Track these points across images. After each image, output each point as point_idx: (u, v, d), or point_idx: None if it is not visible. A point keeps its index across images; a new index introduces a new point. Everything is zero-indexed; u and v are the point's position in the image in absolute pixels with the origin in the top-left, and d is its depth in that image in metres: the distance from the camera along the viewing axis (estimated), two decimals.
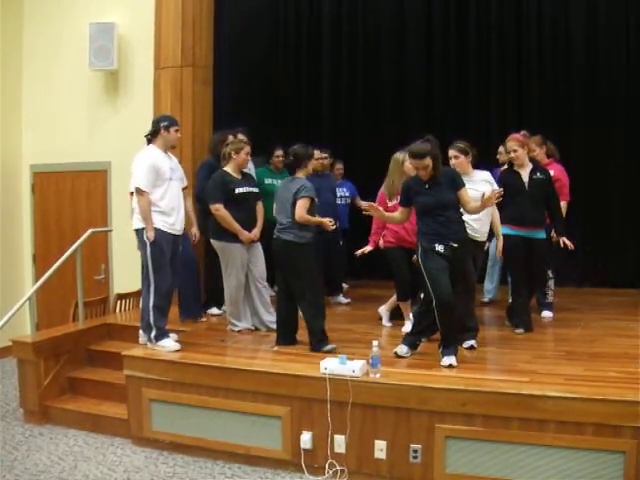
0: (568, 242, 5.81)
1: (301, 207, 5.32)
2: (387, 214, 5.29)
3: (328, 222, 5.48)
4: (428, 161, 4.77)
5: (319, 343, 5.30)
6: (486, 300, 7.24)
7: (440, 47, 8.67)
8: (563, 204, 6.25)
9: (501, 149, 6.80)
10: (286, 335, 5.52)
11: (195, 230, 6.36)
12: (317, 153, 7.08)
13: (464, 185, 4.89)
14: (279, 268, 5.55)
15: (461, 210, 4.93)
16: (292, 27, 9.35)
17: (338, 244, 7.28)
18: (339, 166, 7.98)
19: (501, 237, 5.78)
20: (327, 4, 9.15)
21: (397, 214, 5.16)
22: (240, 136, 6.41)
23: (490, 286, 7.29)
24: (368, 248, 6.02)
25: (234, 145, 6.02)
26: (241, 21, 8.30)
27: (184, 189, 6.03)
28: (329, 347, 5.27)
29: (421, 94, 8.78)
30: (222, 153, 6.12)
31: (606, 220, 7.88)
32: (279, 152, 7.07)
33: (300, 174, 5.52)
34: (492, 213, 5.65)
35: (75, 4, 8.19)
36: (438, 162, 4.83)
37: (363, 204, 5.88)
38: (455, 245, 4.77)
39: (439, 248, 4.76)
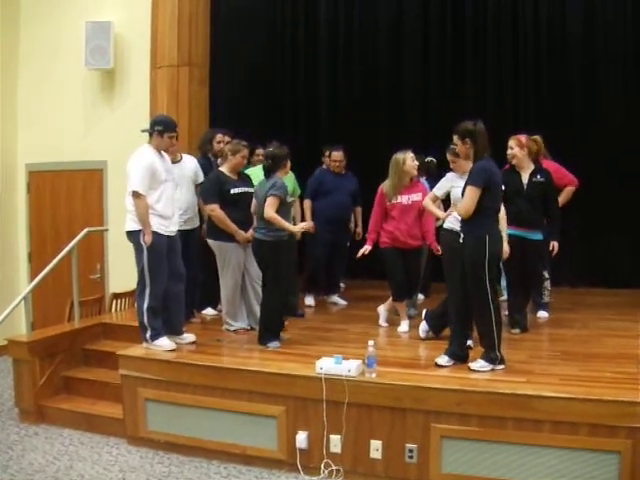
0: (556, 249, 5.86)
1: (269, 205, 5.35)
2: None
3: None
4: (456, 139, 4.73)
5: (266, 338, 5.47)
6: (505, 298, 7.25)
7: (437, 48, 8.67)
8: (571, 188, 6.45)
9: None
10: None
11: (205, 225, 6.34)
12: None
13: (471, 184, 4.58)
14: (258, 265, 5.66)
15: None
16: (288, 26, 9.33)
17: (345, 246, 7.27)
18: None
19: (506, 237, 5.34)
20: (324, 3, 9.16)
21: None
22: (226, 137, 6.44)
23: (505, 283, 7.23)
24: (368, 248, 6.02)
25: (232, 147, 6.02)
26: (238, 21, 8.30)
27: (198, 186, 6.22)
28: (274, 344, 5.43)
29: (418, 95, 8.79)
30: (219, 153, 6.11)
31: (601, 220, 7.88)
32: (260, 151, 7.04)
33: (278, 174, 5.53)
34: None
35: (72, 3, 8.17)
36: (474, 146, 4.64)
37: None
38: (462, 238, 4.66)
39: (460, 239, 4.71)
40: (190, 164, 6.30)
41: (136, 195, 5.25)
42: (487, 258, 4.55)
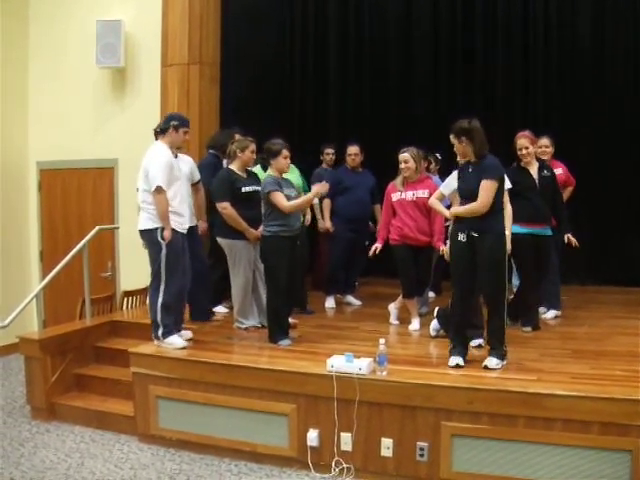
0: (573, 239, 5.85)
1: (278, 202, 5.38)
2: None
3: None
4: (452, 139, 4.71)
5: (277, 336, 5.46)
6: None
7: (447, 46, 8.68)
8: (571, 188, 6.50)
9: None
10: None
11: (202, 223, 6.30)
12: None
13: (492, 178, 4.54)
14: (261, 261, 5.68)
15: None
16: (298, 25, 9.35)
17: (364, 244, 7.07)
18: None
19: (509, 235, 5.20)
20: (333, 1, 9.16)
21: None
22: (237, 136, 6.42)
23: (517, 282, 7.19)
24: (378, 246, 6.03)
25: (240, 143, 6.01)
26: (248, 19, 8.29)
27: (196, 184, 6.15)
28: (285, 342, 5.43)
29: (428, 93, 8.79)
30: (227, 151, 6.12)
31: (611, 218, 7.86)
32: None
33: (270, 171, 5.61)
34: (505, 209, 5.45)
35: (82, 1, 8.20)
36: (471, 144, 4.61)
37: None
38: (475, 235, 4.60)
39: (461, 237, 4.69)
40: (187, 161, 6.25)
41: (159, 191, 5.26)
42: (506, 254, 4.63)
